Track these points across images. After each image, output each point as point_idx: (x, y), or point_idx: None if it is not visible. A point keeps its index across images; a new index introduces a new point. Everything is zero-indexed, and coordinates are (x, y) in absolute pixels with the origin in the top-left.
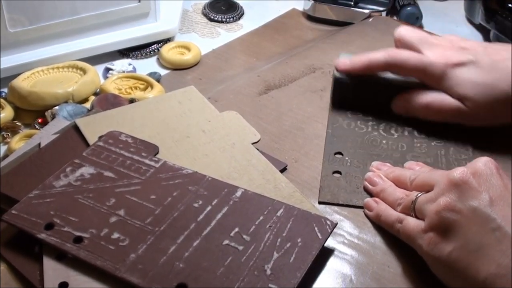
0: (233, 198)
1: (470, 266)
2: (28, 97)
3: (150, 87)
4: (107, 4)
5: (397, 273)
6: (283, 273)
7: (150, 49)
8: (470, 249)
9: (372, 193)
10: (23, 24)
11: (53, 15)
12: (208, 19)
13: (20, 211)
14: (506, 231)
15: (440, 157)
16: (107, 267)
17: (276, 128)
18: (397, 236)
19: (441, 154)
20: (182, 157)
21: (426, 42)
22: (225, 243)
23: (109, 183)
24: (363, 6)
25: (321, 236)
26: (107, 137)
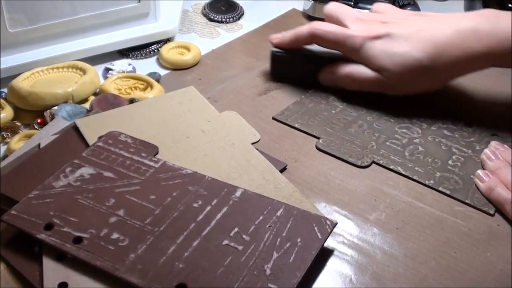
0: (233, 198)
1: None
2: (28, 97)
3: (150, 87)
4: (107, 4)
5: (397, 273)
6: (283, 273)
7: (150, 49)
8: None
9: (488, 168)
10: (23, 24)
11: (53, 15)
12: (208, 19)
13: (20, 212)
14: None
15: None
16: (107, 267)
17: (276, 128)
18: (507, 216)
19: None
20: (181, 157)
21: (351, 16)
22: (224, 243)
23: (108, 184)
24: (363, 6)
25: (321, 236)
26: (107, 137)
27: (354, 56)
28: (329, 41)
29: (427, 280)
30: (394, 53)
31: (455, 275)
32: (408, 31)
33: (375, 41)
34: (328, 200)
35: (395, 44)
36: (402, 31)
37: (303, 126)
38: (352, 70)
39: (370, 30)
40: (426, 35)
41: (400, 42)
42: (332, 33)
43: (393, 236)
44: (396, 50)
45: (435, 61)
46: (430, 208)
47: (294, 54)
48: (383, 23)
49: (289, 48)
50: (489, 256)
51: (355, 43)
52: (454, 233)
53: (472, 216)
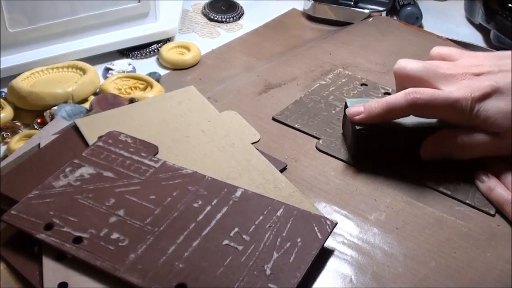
0: (233, 198)
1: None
2: (27, 97)
3: (150, 87)
4: (107, 4)
5: (397, 273)
6: (283, 273)
7: (150, 49)
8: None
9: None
10: (23, 24)
11: (53, 15)
12: (208, 19)
13: (20, 212)
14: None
15: None
16: (107, 267)
17: (276, 128)
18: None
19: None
20: (181, 157)
21: (436, 74)
22: (224, 243)
23: (108, 183)
24: (363, 6)
25: (321, 236)
26: (107, 137)
27: (462, 122)
28: (431, 110)
29: (427, 280)
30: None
31: (455, 275)
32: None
33: (485, 101)
34: (328, 200)
35: (508, 99)
36: (509, 82)
37: (303, 126)
38: (464, 138)
39: (472, 87)
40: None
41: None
42: (435, 99)
43: (393, 236)
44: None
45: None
46: (430, 208)
47: (383, 129)
48: (476, 75)
49: (379, 122)
50: (489, 256)
51: (462, 107)
52: (454, 233)
53: (472, 216)
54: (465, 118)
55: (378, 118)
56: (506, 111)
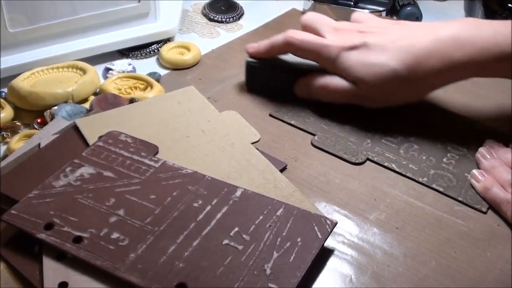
0: (233, 197)
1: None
2: (28, 97)
3: (150, 87)
4: (107, 4)
5: (397, 273)
6: (283, 273)
7: (150, 49)
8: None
9: (483, 167)
10: (23, 24)
11: (53, 15)
12: (208, 19)
13: (20, 211)
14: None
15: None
16: (107, 267)
17: (276, 127)
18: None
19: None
20: (181, 157)
21: (328, 26)
22: (224, 242)
23: (108, 183)
24: (363, 6)
25: (321, 235)
26: (107, 137)
27: (329, 67)
28: (304, 51)
29: (427, 280)
30: (370, 64)
31: (455, 275)
32: (385, 41)
33: (351, 52)
34: (328, 200)
35: (371, 54)
36: (378, 41)
37: (299, 123)
38: (327, 82)
39: (346, 40)
40: (403, 44)
41: (376, 52)
42: (307, 42)
43: (393, 236)
44: (373, 60)
45: (413, 72)
46: (430, 208)
47: (270, 64)
48: (360, 32)
49: (265, 57)
50: (489, 256)
51: (330, 53)
52: (454, 233)
53: (472, 216)
54: (331, 64)
55: (263, 52)
56: (364, 63)
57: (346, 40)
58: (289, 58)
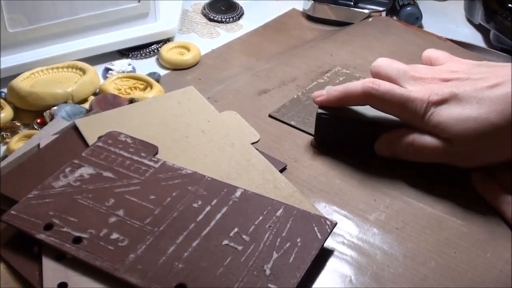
0: (233, 198)
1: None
2: (27, 97)
3: (150, 87)
4: (107, 4)
5: (397, 273)
6: (283, 273)
7: (150, 49)
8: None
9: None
10: (23, 24)
11: (52, 15)
12: (208, 19)
13: (19, 212)
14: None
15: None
16: (106, 268)
17: (275, 128)
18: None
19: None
20: (181, 157)
21: (406, 75)
22: (224, 243)
23: (108, 184)
24: (363, 6)
25: (320, 236)
26: (107, 137)
27: (416, 123)
28: (386, 103)
29: (427, 280)
30: (466, 119)
31: (455, 275)
32: (477, 89)
33: (440, 106)
34: (328, 200)
35: (466, 107)
36: (470, 90)
37: (299, 124)
38: (416, 140)
39: (432, 91)
40: (500, 93)
41: (471, 104)
42: (391, 94)
43: (393, 236)
44: (468, 114)
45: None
46: (430, 208)
47: (346, 118)
48: (444, 81)
49: (337, 107)
50: (489, 256)
51: (416, 108)
52: (454, 233)
53: (472, 217)
54: (419, 120)
55: (335, 101)
56: (458, 117)
57: (432, 91)
58: (368, 112)
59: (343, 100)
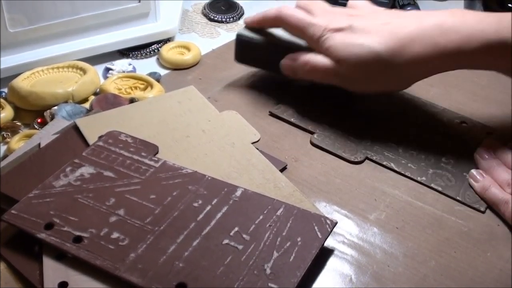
0: (233, 197)
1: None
2: (28, 97)
3: (150, 87)
4: (107, 4)
5: (397, 272)
6: (283, 272)
7: (150, 49)
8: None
9: (481, 167)
10: (23, 24)
11: (53, 15)
12: (208, 19)
13: (20, 211)
14: None
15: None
16: (107, 267)
17: (276, 127)
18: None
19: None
20: (182, 156)
21: (320, 8)
22: (225, 242)
23: (109, 183)
24: None
25: (321, 235)
26: (107, 137)
27: (314, 45)
28: (292, 26)
29: (427, 280)
30: (352, 44)
31: (455, 275)
32: (370, 24)
33: (336, 33)
34: (328, 200)
35: (356, 36)
36: (364, 24)
37: (298, 121)
38: (310, 59)
39: (334, 21)
40: (388, 28)
41: (361, 34)
42: (295, 17)
43: (393, 236)
44: (355, 41)
45: (396, 56)
46: (430, 208)
47: (260, 38)
48: (349, 16)
49: (257, 27)
50: (489, 256)
51: (315, 32)
52: (454, 233)
53: (472, 216)
54: (315, 43)
55: (257, 22)
56: (347, 42)
57: (334, 21)
58: (282, 35)
59: (262, 21)
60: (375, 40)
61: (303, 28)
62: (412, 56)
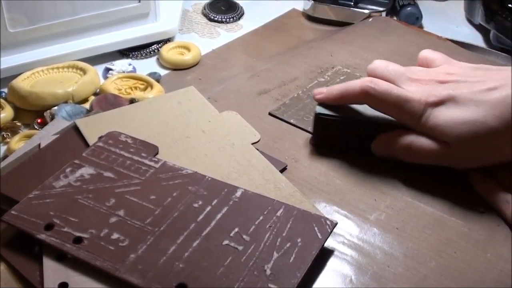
0: (233, 198)
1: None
2: (28, 97)
3: (150, 87)
4: (107, 4)
5: (397, 273)
6: (283, 273)
7: (150, 49)
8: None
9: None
10: (23, 24)
11: (53, 15)
12: (208, 19)
13: (20, 212)
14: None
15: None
16: (107, 268)
17: (276, 128)
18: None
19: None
20: (182, 157)
21: (403, 76)
22: (225, 243)
23: (109, 184)
24: (363, 6)
25: (321, 236)
26: (107, 137)
27: (412, 124)
28: (383, 103)
29: (427, 280)
30: (463, 122)
31: (455, 275)
32: (474, 91)
33: (437, 108)
34: (328, 200)
35: (463, 110)
36: (467, 93)
37: (298, 122)
38: (413, 142)
39: (430, 92)
40: (497, 96)
41: (468, 107)
42: (389, 93)
43: (393, 236)
44: (466, 117)
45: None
46: (430, 208)
47: (345, 117)
48: (441, 83)
49: (335, 104)
50: (489, 256)
51: (413, 108)
52: (454, 233)
53: (472, 216)
54: (416, 121)
55: (335, 99)
56: (456, 120)
57: (429, 92)
58: (367, 112)
59: (342, 98)
60: (487, 113)
61: (400, 105)
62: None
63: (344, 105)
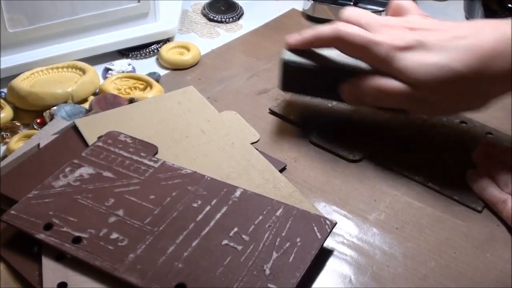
0: (232, 198)
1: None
2: (27, 97)
3: (150, 87)
4: (107, 4)
5: (396, 273)
6: (282, 273)
7: (150, 49)
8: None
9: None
10: (23, 24)
11: (53, 15)
12: (207, 19)
13: (19, 212)
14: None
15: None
16: (106, 267)
17: (275, 128)
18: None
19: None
20: (181, 157)
21: (374, 22)
22: (224, 243)
23: (108, 183)
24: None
25: (320, 235)
26: (106, 137)
27: (380, 66)
28: (353, 46)
29: (426, 280)
30: (429, 65)
31: (455, 275)
32: (442, 39)
33: (407, 51)
34: (327, 200)
35: (429, 54)
36: (435, 39)
37: (297, 119)
38: (381, 83)
39: (398, 37)
40: (465, 44)
41: (435, 52)
42: (358, 36)
43: (392, 236)
44: (432, 61)
45: (479, 75)
46: (429, 208)
47: (311, 63)
48: (411, 29)
49: (307, 48)
50: (489, 256)
51: (380, 51)
52: (454, 233)
53: (471, 216)
54: (384, 64)
55: (306, 43)
56: (422, 63)
57: (398, 37)
58: (335, 57)
59: (314, 41)
60: (454, 58)
61: (368, 48)
62: (497, 73)
63: (312, 52)
